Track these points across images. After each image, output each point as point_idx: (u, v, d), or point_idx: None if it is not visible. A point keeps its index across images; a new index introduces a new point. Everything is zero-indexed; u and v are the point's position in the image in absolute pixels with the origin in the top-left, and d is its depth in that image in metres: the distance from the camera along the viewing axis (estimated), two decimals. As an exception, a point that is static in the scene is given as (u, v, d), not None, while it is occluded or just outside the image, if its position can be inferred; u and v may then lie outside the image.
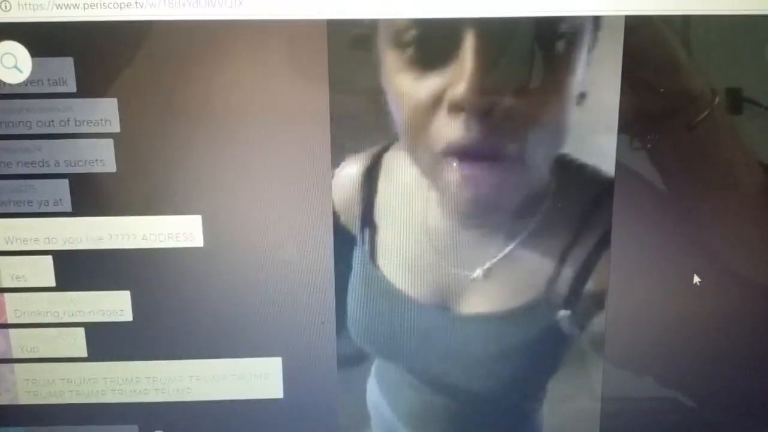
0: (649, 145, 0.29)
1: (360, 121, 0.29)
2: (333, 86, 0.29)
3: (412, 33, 0.28)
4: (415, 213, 0.31)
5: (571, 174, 0.30)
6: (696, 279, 0.31)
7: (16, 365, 0.32)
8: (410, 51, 0.28)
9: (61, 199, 0.30)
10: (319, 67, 0.29)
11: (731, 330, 0.32)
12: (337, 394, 0.33)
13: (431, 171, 0.30)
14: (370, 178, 0.30)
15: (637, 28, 0.28)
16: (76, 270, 0.31)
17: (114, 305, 0.31)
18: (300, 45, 0.28)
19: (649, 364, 0.33)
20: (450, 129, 0.29)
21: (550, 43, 0.28)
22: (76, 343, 0.32)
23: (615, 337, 0.32)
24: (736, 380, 0.33)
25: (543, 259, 0.31)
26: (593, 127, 0.29)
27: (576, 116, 0.29)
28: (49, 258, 0.31)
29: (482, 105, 0.28)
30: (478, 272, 0.31)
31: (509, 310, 0.32)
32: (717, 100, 0.29)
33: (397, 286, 0.32)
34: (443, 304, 0.32)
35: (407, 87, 0.29)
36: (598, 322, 0.32)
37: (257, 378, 0.32)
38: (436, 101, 0.28)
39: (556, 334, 0.32)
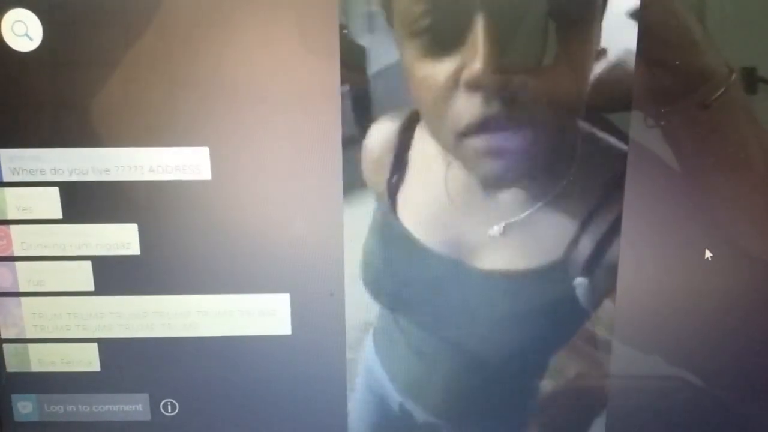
0: (663, 123, 0.29)
1: (370, 97, 0.29)
2: (344, 60, 0.29)
3: (425, 22, 0.28)
4: (436, 177, 0.31)
5: (590, 146, 0.30)
6: (708, 254, 0.31)
7: (23, 299, 0.32)
8: (424, 38, 0.28)
9: (67, 129, 0.29)
10: (330, 40, 0.28)
11: (741, 307, 0.32)
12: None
13: (452, 148, 0.30)
14: (398, 143, 0.30)
15: (653, 2, 0.28)
16: (83, 202, 0.30)
17: (121, 238, 0.31)
18: (311, 16, 0.28)
19: (658, 342, 0.32)
20: (468, 108, 0.29)
21: (565, 17, 0.28)
22: (83, 276, 0.31)
23: (624, 313, 0.32)
24: (746, 359, 0.33)
25: (560, 224, 0.31)
26: (609, 102, 0.29)
27: (592, 90, 0.29)
28: (56, 189, 0.30)
29: (497, 82, 0.28)
30: (496, 229, 0.31)
31: (523, 271, 0.32)
32: (733, 77, 0.28)
33: (413, 234, 0.32)
34: (459, 258, 0.32)
35: (425, 72, 0.29)
36: (608, 296, 0.32)
37: (265, 314, 0.32)
38: (453, 82, 0.28)
39: (567, 301, 0.32)
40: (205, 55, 0.29)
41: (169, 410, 0.34)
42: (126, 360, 0.33)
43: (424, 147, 0.30)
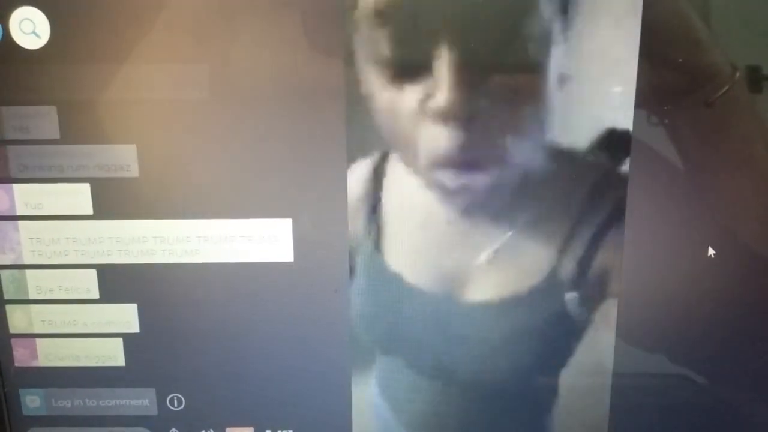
0: (666, 120, 0.29)
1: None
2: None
3: (387, 50, 0.28)
4: (415, 210, 0.31)
5: (564, 164, 0.30)
6: (711, 252, 0.31)
7: (20, 222, 0.31)
8: (386, 67, 0.28)
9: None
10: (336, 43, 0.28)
11: (745, 305, 0.32)
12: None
13: (425, 178, 0.30)
14: (376, 177, 0.30)
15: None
16: (82, 121, 0.30)
17: (120, 160, 0.30)
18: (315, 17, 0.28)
19: (661, 340, 0.32)
20: (436, 140, 0.29)
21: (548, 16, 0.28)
22: (82, 199, 0.31)
23: (627, 312, 0.32)
24: (750, 357, 0.32)
25: (551, 238, 0.31)
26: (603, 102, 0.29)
27: (560, 99, 0.29)
28: (53, 108, 0.30)
29: (464, 113, 0.28)
30: (483, 257, 0.31)
31: (519, 294, 0.32)
32: (737, 75, 0.28)
33: (403, 279, 0.32)
34: (450, 294, 0.32)
35: (389, 101, 0.29)
36: (610, 299, 0.32)
37: (267, 240, 0.31)
38: (419, 112, 0.29)
39: (568, 315, 0.32)
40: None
41: (176, 405, 0.34)
42: (134, 351, 0.33)
43: (401, 184, 0.30)
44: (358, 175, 0.30)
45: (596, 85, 0.29)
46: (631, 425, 0.34)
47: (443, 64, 0.28)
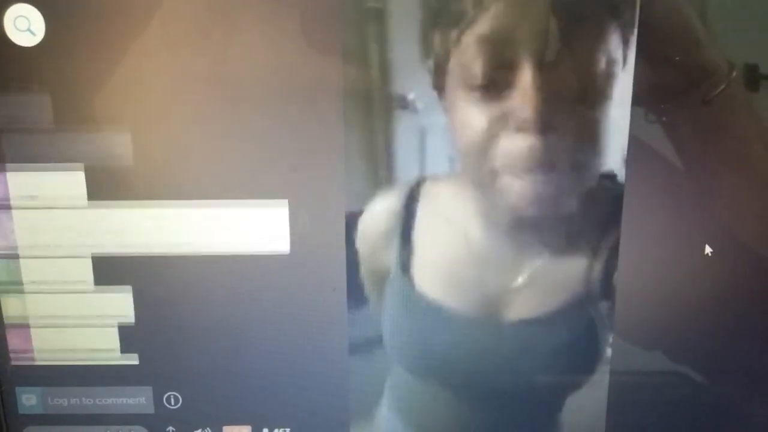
0: (664, 118, 0.29)
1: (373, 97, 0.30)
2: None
3: (483, 78, 0.28)
4: (457, 232, 0.31)
5: (595, 182, 0.30)
6: (708, 250, 0.31)
7: (14, 212, 0.31)
8: (479, 90, 0.29)
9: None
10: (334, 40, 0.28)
11: (741, 303, 0.32)
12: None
13: (484, 191, 0.31)
14: (406, 213, 0.31)
15: None
16: (76, 112, 0.30)
17: (114, 148, 0.30)
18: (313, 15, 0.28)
19: (658, 338, 0.32)
20: (511, 148, 0.29)
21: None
22: (76, 188, 0.31)
23: (625, 309, 0.32)
24: (747, 354, 0.32)
25: (575, 255, 0.31)
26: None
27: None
28: (47, 98, 0.29)
29: (543, 119, 0.29)
30: (520, 279, 0.32)
31: (549, 313, 0.32)
32: (734, 74, 0.28)
33: (439, 303, 0.32)
34: (489, 314, 0.32)
35: (471, 116, 0.29)
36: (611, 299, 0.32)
37: (263, 229, 0.31)
38: (499, 125, 0.29)
39: (588, 326, 0.32)
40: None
41: (173, 403, 0.34)
42: (130, 349, 0.33)
43: (438, 208, 0.31)
44: (382, 212, 0.31)
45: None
46: (629, 422, 0.33)
47: (527, 83, 0.28)
